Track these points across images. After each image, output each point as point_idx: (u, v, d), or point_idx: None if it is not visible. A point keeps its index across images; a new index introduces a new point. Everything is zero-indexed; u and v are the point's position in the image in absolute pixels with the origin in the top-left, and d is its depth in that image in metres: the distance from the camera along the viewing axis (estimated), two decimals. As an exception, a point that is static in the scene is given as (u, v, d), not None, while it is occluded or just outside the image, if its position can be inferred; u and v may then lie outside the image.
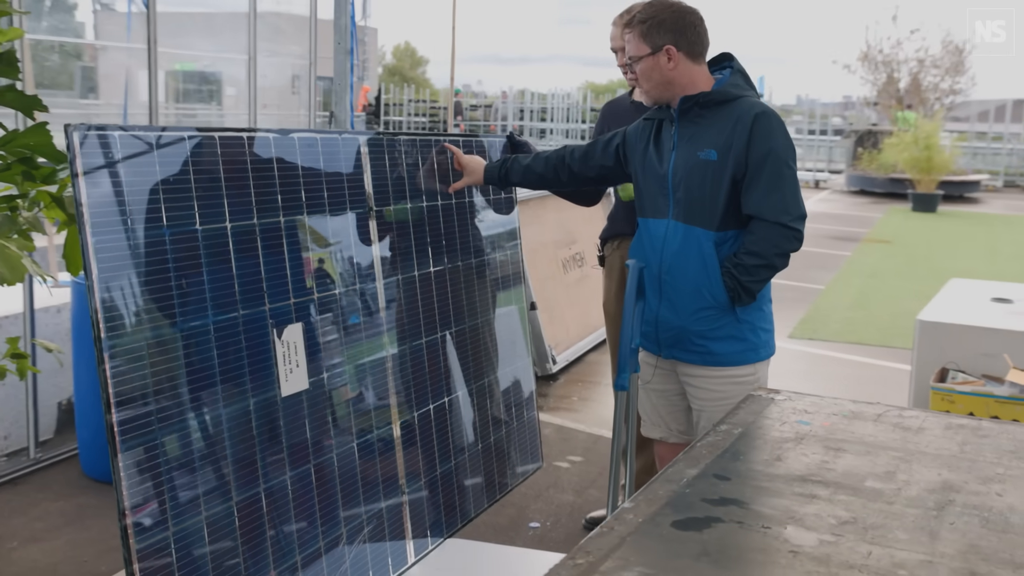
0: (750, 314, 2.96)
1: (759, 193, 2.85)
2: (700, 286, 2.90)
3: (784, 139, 2.88)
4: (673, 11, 2.93)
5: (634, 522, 1.85)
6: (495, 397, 3.59)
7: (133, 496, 2.10)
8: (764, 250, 2.85)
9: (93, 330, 2.00)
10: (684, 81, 2.94)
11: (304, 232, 2.63)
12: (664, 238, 2.97)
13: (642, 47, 2.94)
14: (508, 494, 3.70)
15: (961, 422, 2.54)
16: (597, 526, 3.97)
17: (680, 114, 2.95)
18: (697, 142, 2.92)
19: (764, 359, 3.02)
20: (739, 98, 2.92)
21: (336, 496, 2.70)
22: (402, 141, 3.14)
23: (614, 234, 3.88)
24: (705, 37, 2.99)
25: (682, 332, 2.95)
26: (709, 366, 2.97)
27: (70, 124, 1.95)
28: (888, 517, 1.90)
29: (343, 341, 2.77)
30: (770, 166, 2.84)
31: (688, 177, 2.92)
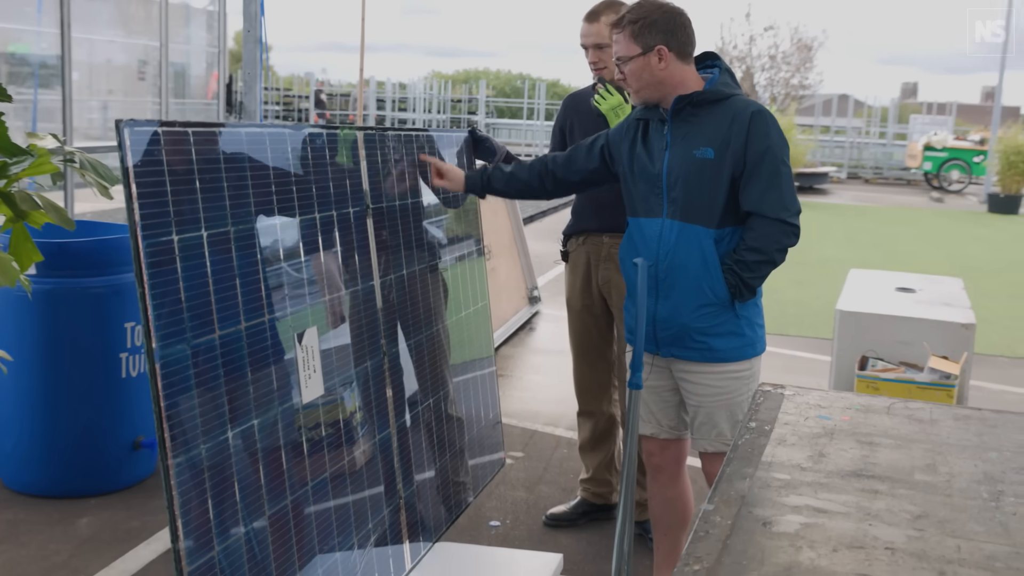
0: (747, 309, 3.00)
1: (758, 190, 2.89)
2: (701, 283, 2.92)
3: (779, 137, 2.93)
4: (664, 11, 2.94)
5: (724, 524, 1.85)
6: (471, 394, 3.55)
7: (186, 515, 1.98)
8: (765, 246, 2.89)
9: (145, 341, 1.87)
10: (674, 81, 2.95)
11: (315, 232, 2.52)
12: (659, 237, 2.98)
13: (632, 47, 2.94)
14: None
15: (966, 412, 2.64)
16: (556, 521, 3.98)
17: (673, 113, 2.95)
18: (692, 141, 2.93)
19: (760, 354, 3.07)
20: (731, 97, 2.96)
21: (349, 504, 2.61)
22: (391, 136, 3.05)
23: (579, 230, 3.88)
24: (693, 37, 3.01)
25: (683, 330, 2.97)
26: (709, 363, 2.99)
27: (120, 120, 1.81)
28: (954, 510, 1.96)
29: (350, 343, 2.68)
30: (768, 163, 2.89)
31: (685, 176, 2.93)
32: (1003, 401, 6.19)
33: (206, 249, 2.08)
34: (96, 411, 4.06)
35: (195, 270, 2.04)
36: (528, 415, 5.49)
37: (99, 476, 4.12)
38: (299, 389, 2.39)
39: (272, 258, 2.33)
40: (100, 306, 3.99)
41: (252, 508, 2.19)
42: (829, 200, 22.23)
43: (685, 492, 3.29)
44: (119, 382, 4.08)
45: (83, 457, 4.07)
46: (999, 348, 7.64)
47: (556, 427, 5.31)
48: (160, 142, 1.95)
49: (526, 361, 6.86)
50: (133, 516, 3.96)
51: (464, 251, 3.63)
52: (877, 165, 29.80)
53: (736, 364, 3.01)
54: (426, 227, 3.26)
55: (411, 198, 3.15)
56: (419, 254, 3.19)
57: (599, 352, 3.91)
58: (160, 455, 1.93)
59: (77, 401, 4.02)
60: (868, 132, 31.28)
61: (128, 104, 15.73)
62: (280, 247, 2.36)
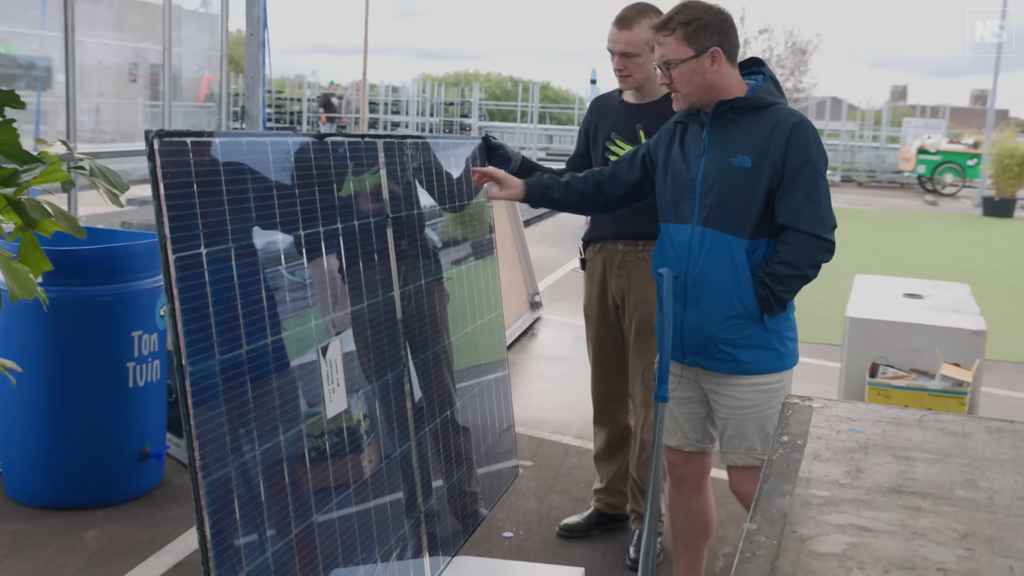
0: (777, 323, 2.94)
1: (795, 203, 2.82)
2: (730, 294, 2.87)
3: (819, 149, 2.86)
4: (715, 13, 2.87)
5: (769, 544, 1.81)
6: (485, 404, 3.50)
7: (216, 535, 1.92)
8: (798, 260, 2.83)
9: (175, 357, 1.81)
10: (722, 84, 2.88)
11: (337, 243, 2.48)
12: (689, 244, 2.92)
13: (684, 50, 2.85)
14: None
15: (999, 425, 2.61)
16: (570, 532, 3.93)
17: (713, 118, 2.89)
18: (730, 148, 2.86)
19: (790, 368, 3.01)
20: (773, 105, 2.88)
21: (372, 518, 2.56)
22: (408, 144, 3.00)
23: (596, 237, 3.82)
24: (738, 40, 2.95)
25: (709, 339, 2.92)
26: (735, 375, 2.94)
27: (150, 130, 1.76)
28: (1001, 528, 1.92)
29: (370, 356, 2.63)
30: (807, 176, 2.82)
31: (720, 183, 2.87)
32: (1011, 407, 6.16)
33: (233, 262, 2.03)
34: (103, 421, 4.00)
35: (223, 283, 1.99)
36: (535, 423, 5.44)
37: (106, 487, 4.06)
38: (324, 403, 2.34)
39: (296, 269, 2.28)
40: (107, 315, 3.94)
41: (280, 524, 2.14)
42: (823, 203, 22.19)
43: (707, 504, 3.25)
44: (126, 392, 4.03)
45: (89, 468, 4.01)
46: (1004, 353, 7.62)
47: (564, 435, 5.26)
48: (188, 153, 1.90)
49: (530, 368, 6.81)
50: (141, 528, 3.90)
51: (480, 257, 3.59)
52: (871, 168, 29.85)
53: (764, 377, 2.95)
54: (443, 236, 3.21)
55: (429, 206, 3.10)
56: (435, 263, 3.14)
57: (614, 362, 3.86)
58: (191, 473, 1.88)
59: (84, 411, 3.96)
60: (861, 135, 31.32)
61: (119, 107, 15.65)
62: (303, 259, 2.31)
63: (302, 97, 32.66)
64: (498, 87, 56.81)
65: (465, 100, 34.29)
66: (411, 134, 3.09)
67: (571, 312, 8.24)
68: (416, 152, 3.03)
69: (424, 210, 3.05)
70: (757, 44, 27.19)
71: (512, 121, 34.60)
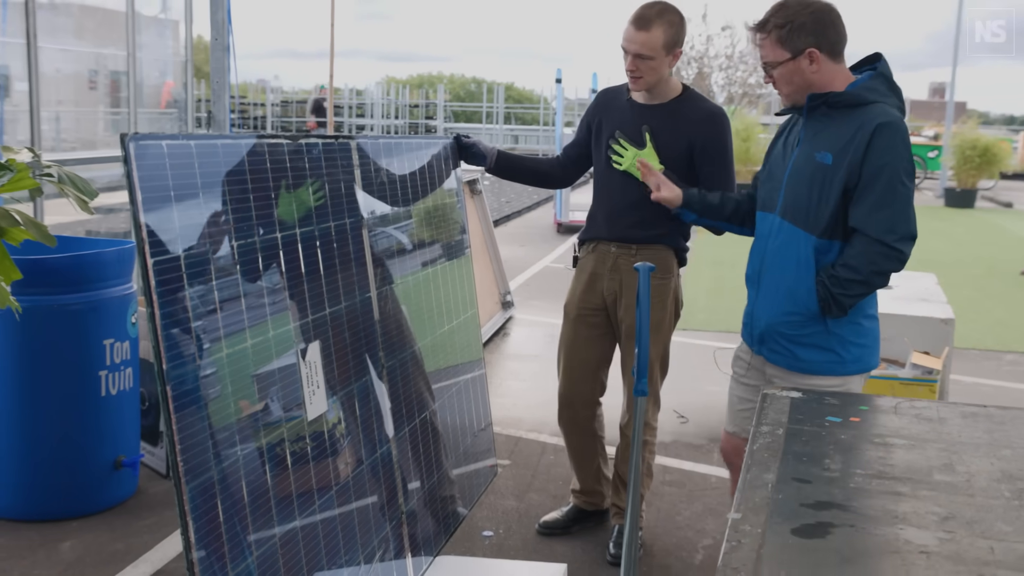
0: (842, 327, 2.87)
1: (867, 207, 2.76)
2: (794, 289, 2.86)
3: (904, 154, 2.77)
4: (811, 11, 2.82)
5: (754, 533, 1.83)
6: (463, 404, 3.50)
7: (200, 540, 1.91)
8: (861, 265, 2.77)
9: (156, 362, 1.80)
10: (824, 82, 2.85)
11: (315, 244, 2.47)
12: (768, 233, 2.94)
13: (780, 52, 2.83)
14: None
15: (973, 410, 2.64)
16: (550, 529, 3.94)
17: (808, 111, 2.87)
18: (817, 143, 2.84)
19: (853, 373, 2.94)
20: (871, 104, 2.80)
21: (354, 520, 2.55)
22: (381, 144, 3.00)
23: (591, 237, 3.79)
24: (844, 33, 2.88)
25: (769, 330, 2.93)
26: (794, 371, 2.93)
27: (125, 133, 1.75)
28: (980, 511, 1.95)
29: (348, 358, 2.62)
30: (884, 181, 2.74)
31: (801, 177, 2.86)
32: (979, 393, 6.25)
33: (212, 265, 2.01)
34: (75, 431, 3.96)
35: (202, 287, 1.98)
36: (511, 422, 5.44)
37: (80, 498, 4.02)
38: (304, 406, 2.33)
39: (274, 272, 2.28)
40: (78, 323, 3.89)
41: (263, 528, 2.13)
42: (788, 198, 22.40)
43: None
44: (98, 400, 3.99)
45: (63, 478, 3.96)
46: (969, 341, 7.72)
47: (540, 433, 5.27)
48: (164, 156, 1.88)
49: (504, 367, 6.81)
50: (117, 538, 3.86)
51: (454, 258, 3.58)
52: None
53: (823, 379, 2.89)
54: (414, 237, 3.21)
55: (403, 207, 3.10)
56: (412, 263, 3.14)
57: (585, 363, 3.81)
58: (174, 479, 1.87)
59: (56, 421, 3.92)
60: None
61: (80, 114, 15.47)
62: (282, 261, 2.30)
63: (265, 102, 32.46)
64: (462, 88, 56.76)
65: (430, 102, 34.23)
66: (382, 135, 3.08)
67: (543, 311, 8.26)
68: (388, 152, 3.03)
69: (397, 211, 3.05)
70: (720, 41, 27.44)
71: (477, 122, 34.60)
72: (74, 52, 12.24)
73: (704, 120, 3.55)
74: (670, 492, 4.51)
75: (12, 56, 11.96)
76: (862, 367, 2.96)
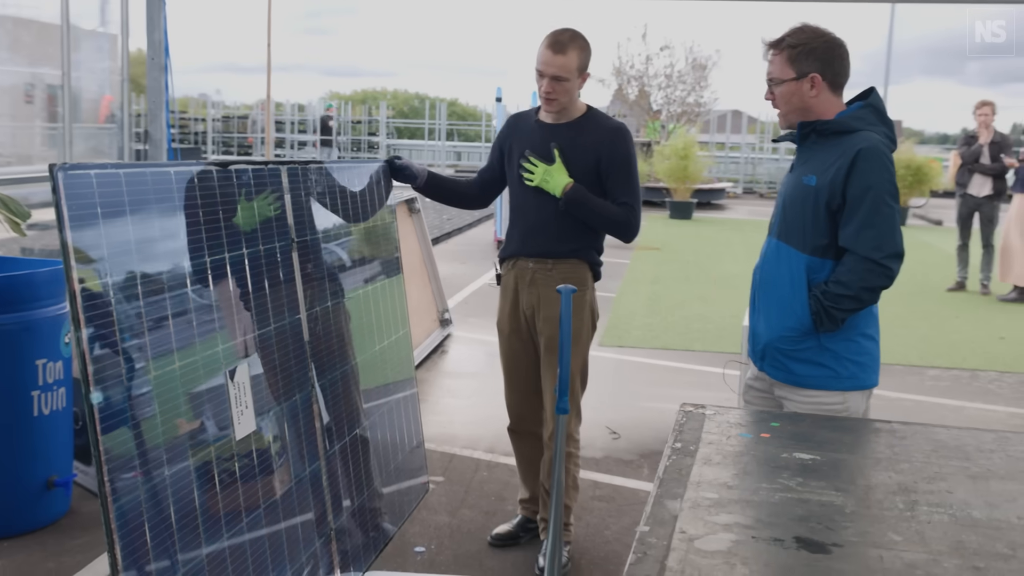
0: (836, 343, 2.99)
1: (855, 227, 2.89)
2: (788, 305, 2.99)
3: (886, 176, 2.90)
4: (824, 40, 2.97)
5: (660, 545, 1.92)
6: (394, 422, 3.57)
7: (127, 559, 1.97)
8: (851, 282, 2.90)
9: (83, 385, 1.86)
10: (820, 110, 2.99)
11: (243, 268, 2.53)
12: (766, 254, 3.10)
13: (787, 70, 2.98)
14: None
15: (877, 426, 2.78)
16: (501, 541, 4.01)
17: (800, 139, 3.02)
18: (806, 168, 3.00)
19: (850, 389, 3.03)
20: (856, 131, 2.94)
21: (283, 537, 2.61)
22: (312, 169, 3.07)
23: (509, 254, 3.91)
24: (848, 70, 3.03)
25: (768, 346, 3.06)
26: (792, 385, 3.05)
27: (54, 164, 1.81)
28: (873, 521, 2.07)
29: (278, 378, 2.69)
30: (869, 202, 2.87)
31: (792, 200, 3.02)
32: (900, 408, 6.45)
33: (139, 289, 2.07)
34: (8, 450, 3.96)
35: (129, 311, 2.04)
36: (446, 439, 5.51)
37: (12, 517, 4.01)
38: (232, 426, 2.39)
39: (203, 295, 2.34)
40: (10, 343, 3.90)
41: (189, 546, 2.18)
42: (727, 215, 22.78)
43: None
44: (31, 420, 3.99)
45: (-6, 498, 3.96)
46: (894, 357, 7.94)
47: (474, 450, 5.35)
48: (93, 185, 1.94)
49: (440, 384, 6.88)
50: (49, 557, 3.87)
51: (386, 278, 3.66)
52: (771, 179, 30.66)
53: (824, 394, 3.01)
54: (347, 258, 3.28)
55: (333, 229, 3.17)
56: (343, 285, 3.21)
57: (527, 375, 3.95)
58: (100, 499, 1.92)
59: (-13, 441, 3.91)
60: (761, 148, 32.14)
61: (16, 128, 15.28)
62: (210, 284, 2.37)
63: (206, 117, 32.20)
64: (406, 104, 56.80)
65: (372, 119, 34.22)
66: (313, 159, 3.16)
67: (481, 328, 8.34)
68: (319, 177, 3.10)
69: (329, 233, 3.12)
70: (659, 61, 27.86)
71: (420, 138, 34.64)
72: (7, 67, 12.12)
73: (608, 135, 3.74)
74: (599, 507, 4.61)
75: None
76: (859, 384, 3.06)
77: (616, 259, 13.69)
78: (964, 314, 10.26)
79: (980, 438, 2.67)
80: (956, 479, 2.34)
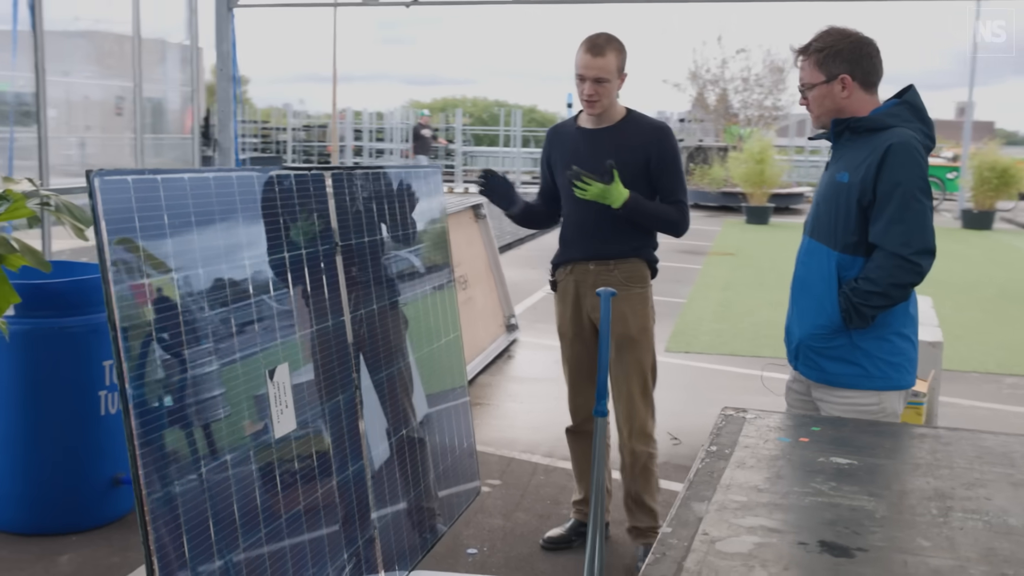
0: (867, 342, 2.98)
1: (884, 223, 2.89)
2: (820, 302, 3.00)
3: (917, 171, 2.90)
4: (851, 41, 2.99)
5: (680, 546, 1.92)
6: (444, 424, 3.61)
7: (161, 553, 2.03)
8: (880, 278, 2.89)
9: (118, 381, 1.93)
10: (853, 109, 3.00)
11: (285, 270, 2.60)
12: (801, 252, 3.13)
13: (817, 74, 3.01)
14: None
15: (922, 431, 2.73)
16: (553, 544, 4.04)
17: (835, 136, 3.04)
18: (839, 165, 3.01)
19: (884, 389, 3.02)
20: (890, 128, 2.94)
21: (323, 536, 2.67)
22: (358, 175, 3.13)
23: (565, 260, 3.93)
24: (880, 67, 3.04)
25: (801, 344, 3.08)
26: (825, 385, 3.05)
27: (91, 170, 1.89)
28: (903, 527, 2.04)
29: (322, 378, 2.74)
30: (898, 198, 2.87)
31: (826, 197, 3.03)
32: (973, 416, 6.29)
33: (176, 291, 2.15)
34: (76, 448, 4.11)
35: (167, 312, 2.11)
36: (505, 443, 5.55)
37: (80, 513, 4.16)
38: (271, 424, 2.45)
39: (242, 297, 2.40)
40: (78, 345, 4.05)
41: (227, 544, 2.25)
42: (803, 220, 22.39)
43: None
44: (98, 419, 4.13)
45: (63, 494, 4.11)
46: (970, 364, 7.76)
47: (533, 454, 5.37)
48: (130, 190, 2.02)
49: (504, 389, 6.92)
50: (114, 552, 4.00)
51: (435, 283, 3.71)
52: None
53: (857, 394, 3.00)
54: (395, 262, 3.33)
55: (380, 234, 3.22)
56: (388, 289, 3.26)
57: (592, 377, 3.93)
58: (135, 493, 1.99)
59: (56, 439, 4.06)
60: (843, 151, 31.43)
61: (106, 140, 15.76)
62: (250, 287, 2.43)
63: (287, 127, 32.79)
64: (485, 112, 57.09)
65: (449, 126, 34.47)
66: (365, 164, 3.21)
67: (548, 334, 8.31)
68: (367, 182, 3.16)
69: (375, 238, 3.18)
70: (735, 64, 27.55)
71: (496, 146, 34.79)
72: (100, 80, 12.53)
73: (654, 134, 3.78)
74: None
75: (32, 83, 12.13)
76: (892, 384, 3.03)
77: (688, 264, 13.60)
78: (1048, 321, 9.96)
79: (1028, 444, 2.61)
80: (997, 486, 2.29)
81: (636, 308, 3.83)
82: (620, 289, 3.72)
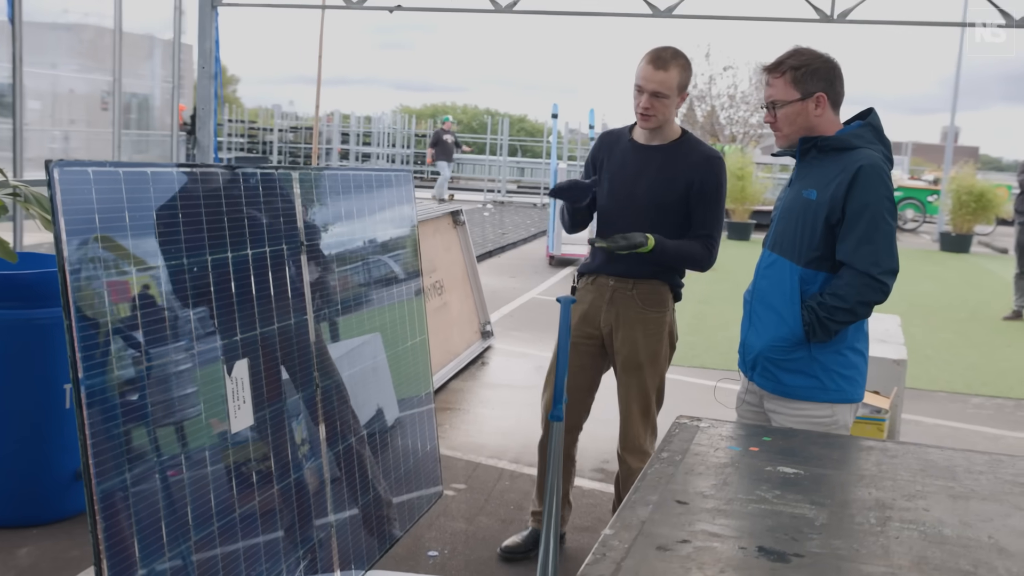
0: (825, 355, 3.04)
1: (853, 242, 2.96)
2: (780, 315, 3.05)
3: (884, 193, 2.97)
4: (824, 61, 3.06)
5: (620, 548, 1.96)
6: (407, 428, 3.64)
7: (109, 540, 2.05)
8: (847, 295, 2.96)
9: (71, 372, 1.95)
10: (823, 128, 3.07)
11: (247, 268, 2.62)
12: (761, 265, 3.17)
13: (791, 92, 3.05)
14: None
15: (870, 444, 2.78)
16: (511, 554, 4.05)
17: (800, 154, 3.09)
18: (806, 182, 3.06)
19: (838, 402, 3.08)
20: (856, 148, 3.01)
21: (279, 532, 2.69)
22: (326, 176, 3.16)
23: (591, 270, 3.90)
24: (844, 89, 3.12)
25: (758, 356, 3.12)
26: (780, 396, 3.09)
27: (50, 160, 1.91)
28: (840, 535, 2.08)
29: (282, 375, 2.77)
30: (867, 218, 2.94)
31: (790, 212, 3.08)
32: (936, 434, 6.35)
33: (134, 285, 2.17)
34: (38, 441, 4.10)
35: (125, 305, 2.13)
36: (472, 448, 5.57)
37: (41, 505, 4.16)
38: (228, 420, 2.48)
39: (202, 293, 2.43)
40: (44, 337, 4.05)
41: (178, 538, 2.27)
42: (786, 237, 22.50)
43: None
44: (62, 412, 4.13)
45: (25, 486, 4.10)
46: (938, 383, 7.84)
47: (500, 459, 5.39)
48: (90, 182, 2.04)
49: (476, 395, 6.95)
50: (75, 545, 4.00)
51: (402, 286, 3.73)
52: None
53: (812, 406, 3.05)
54: (363, 264, 3.36)
55: (348, 235, 3.25)
56: (354, 290, 3.29)
57: (577, 391, 3.88)
58: (85, 485, 2.01)
59: (19, 430, 4.06)
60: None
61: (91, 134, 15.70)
62: (211, 282, 2.46)
63: (274, 127, 32.74)
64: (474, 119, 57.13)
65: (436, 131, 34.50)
66: (332, 166, 3.24)
67: (523, 341, 8.39)
68: (335, 183, 3.19)
69: (342, 238, 3.20)
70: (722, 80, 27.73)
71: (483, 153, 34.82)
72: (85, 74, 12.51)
73: (702, 163, 3.71)
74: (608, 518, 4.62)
75: (28, 77, 12.08)
76: (845, 397, 3.11)
77: (667, 278, 13.64)
78: (1017, 343, 10.06)
79: (972, 460, 2.66)
80: (936, 498, 2.34)
81: (650, 333, 3.81)
82: (635, 312, 3.73)
